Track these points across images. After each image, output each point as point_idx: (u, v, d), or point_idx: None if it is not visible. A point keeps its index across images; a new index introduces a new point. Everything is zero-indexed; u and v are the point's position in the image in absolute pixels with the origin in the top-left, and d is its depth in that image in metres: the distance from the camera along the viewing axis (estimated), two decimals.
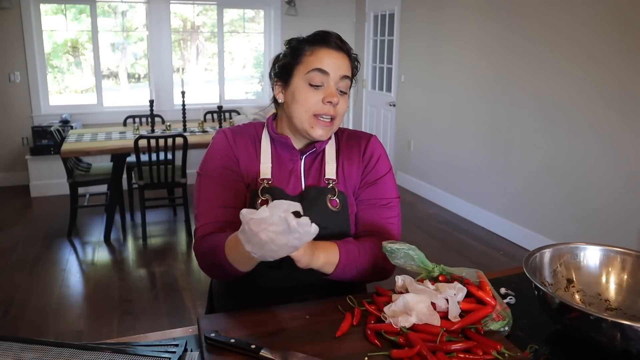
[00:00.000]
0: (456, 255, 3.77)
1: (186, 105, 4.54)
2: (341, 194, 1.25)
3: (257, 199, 1.20)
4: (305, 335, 0.98)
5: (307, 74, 1.18)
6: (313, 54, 1.19)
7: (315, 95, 1.18)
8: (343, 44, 1.23)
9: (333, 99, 1.17)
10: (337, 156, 1.30)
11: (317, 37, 1.21)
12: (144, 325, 2.78)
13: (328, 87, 1.19)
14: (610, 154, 3.19)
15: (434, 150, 5.02)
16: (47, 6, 5.44)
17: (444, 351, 0.90)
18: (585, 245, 1.17)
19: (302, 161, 1.27)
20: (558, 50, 3.51)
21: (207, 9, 6.24)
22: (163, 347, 0.93)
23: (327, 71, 1.18)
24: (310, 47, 1.20)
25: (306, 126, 1.20)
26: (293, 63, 1.21)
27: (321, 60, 1.18)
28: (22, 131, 5.31)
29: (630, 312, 1.09)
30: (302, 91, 1.19)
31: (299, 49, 1.21)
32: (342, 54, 1.21)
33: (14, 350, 0.88)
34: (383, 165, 1.30)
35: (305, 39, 1.23)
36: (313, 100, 1.18)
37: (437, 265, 1.10)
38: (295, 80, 1.20)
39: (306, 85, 1.19)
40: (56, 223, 4.33)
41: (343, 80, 1.20)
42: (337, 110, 1.20)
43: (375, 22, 5.96)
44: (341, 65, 1.20)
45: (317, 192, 1.23)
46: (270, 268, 1.19)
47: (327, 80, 1.18)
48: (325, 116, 1.19)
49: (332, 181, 1.25)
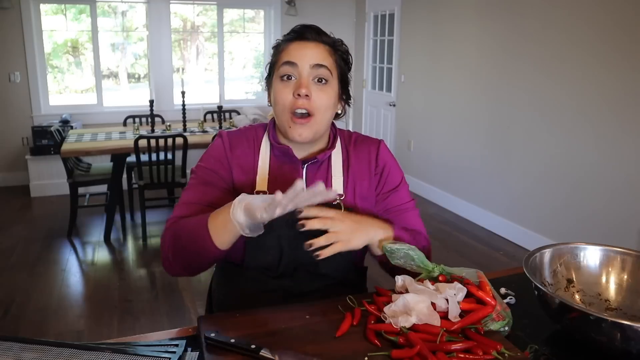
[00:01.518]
0: (456, 255, 3.77)
1: (186, 105, 4.54)
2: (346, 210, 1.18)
3: None
4: (305, 335, 0.98)
5: (278, 70, 1.15)
6: (285, 49, 1.16)
7: (286, 89, 1.13)
8: (318, 35, 1.16)
9: (301, 90, 1.11)
10: (344, 165, 1.24)
11: (292, 32, 1.18)
12: (144, 326, 2.78)
13: (298, 79, 1.13)
14: (611, 154, 3.19)
15: (434, 150, 5.02)
16: (47, 6, 5.44)
17: (444, 351, 0.90)
18: (585, 245, 1.17)
19: (304, 171, 1.20)
20: (558, 50, 3.51)
21: (207, 9, 6.24)
22: (163, 347, 0.93)
23: (294, 61, 1.12)
24: (284, 44, 1.17)
25: (286, 127, 1.14)
26: (272, 63, 1.19)
27: (290, 53, 1.14)
28: (22, 131, 5.31)
29: (630, 312, 1.09)
30: (276, 88, 1.15)
31: (277, 48, 1.18)
32: (315, 43, 1.15)
33: (14, 350, 0.87)
34: (396, 174, 1.27)
35: (285, 35, 1.20)
36: (284, 95, 1.13)
37: (437, 265, 1.09)
38: (274, 80, 1.17)
39: (279, 81, 1.15)
40: (56, 223, 4.33)
41: (317, 68, 1.13)
42: (312, 104, 1.12)
43: (375, 22, 5.96)
44: (313, 55, 1.13)
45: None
46: (270, 278, 1.19)
47: (297, 71, 1.13)
48: (299, 111, 1.12)
49: (340, 197, 1.19)
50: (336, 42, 1.19)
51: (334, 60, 1.17)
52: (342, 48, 1.20)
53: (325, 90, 1.15)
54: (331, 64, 1.16)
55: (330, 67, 1.15)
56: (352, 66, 1.23)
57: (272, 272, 1.18)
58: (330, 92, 1.16)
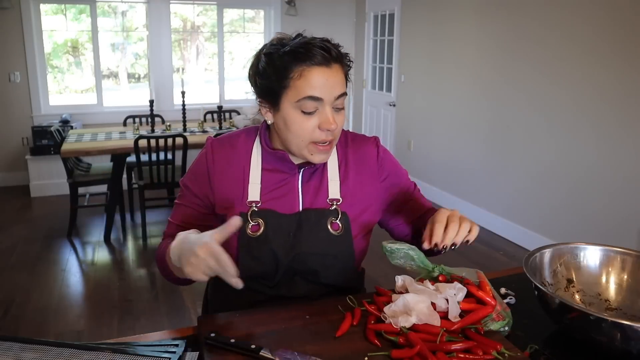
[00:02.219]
0: (456, 255, 3.77)
1: (186, 105, 4.54)
2: (344, 215, 1.16)
3: (248, 224, 1.13)
4: (305, 335, 0.98)
5: (298, 102, 1.05)
6: (302, 77, 1.03)
7: (310, 122, 1.06)
8: (330, 53, 1.05)
9: (331, 126, 1.06)
10: (340, 168, 1.21)
11: (301, 50, 1.04)
12: (144, 325, 2.78)
13: (323, 113, 1.06)
14: (610, 154, 3.19)
15: (434, 150, 5.02)
16: (47, 6, 5.44)
17: (444, 351, 0.90)
18: (585, 245, 1.17)
19: (299, 175, 1.18)
20: (558, 51, 3.51)
21: (207, 9, 6.24)
22: (163, 347, 0.93)
23: (321, 97, 1.04)
24: (296, 68, 1.04)
25: (305, 153, 1.10)
26: (280, 87, 1.06)
27: (311, 85, 1.03)
28: (22, 131, 5.30)
29: (630, 312, 1.09)
30: (294, 120, 1.07)
31: (284, 70, 1.05)
32: (333, 67, 1.05)
33: (14, 350, 0.88)
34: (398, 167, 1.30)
35: (286, 52, 1.05)
36: (308, 129, 1.07)
37: (437, 265, 1.10)
38: (284, 106, 1.07)
39: (298, 112, 1.06)
40: (56, 223, 4.33)
41: (339, 99, 1.08)
42: (335, 133, 1.10)
43: (375, 22, 5.96)
44: (335, 84, 1.05)
45: (318, 216, 1.15)
46: (267, 287, 1.18)
47: (321, 106, 1.06)
48: (323, 142, 1.09)
49: (336, 202, 1.17)
50: (342, 54, 1.09)
51: (344, 76, 1.10)
52: (347, 57, 1.11)
53: (342, 113, 1.11)
54: (345, 85, 1.09)
55: (345, 89, 1.09)
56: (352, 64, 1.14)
57: (268, 280, 1.17)
58: (344, 111, 1.12)
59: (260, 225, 1.14)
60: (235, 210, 1.15)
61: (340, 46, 1.10)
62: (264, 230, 1.14)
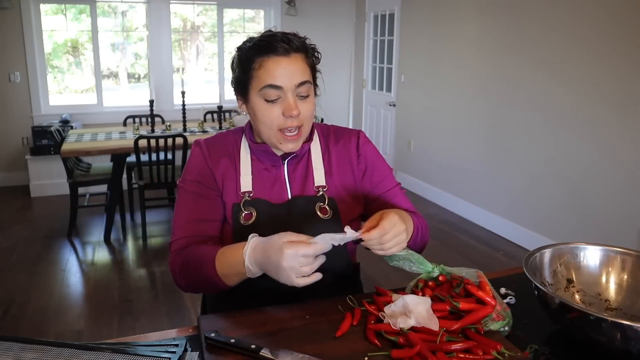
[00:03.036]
0: (456, 255, 3.77)
1: (186, 105, 4.54)
2: (331, 201, 1.21)
3: (241, 213, 1.18)
4: (305, 335, 0.98)
5: (261, 90, 1.11)
6: (262, 67, 1.10)
7: (274, 109, 1.12)
8: (290, 44, 1.11)
9: (292, 112, 1.10)
10: (324, 157, 1.26)
11: (262, 43, 1.11)
12: (144, 325, 2.78)
13: (285, 100, 1.11)
14: (610, 154, 3.19)
15: (434, 150, 5.02)
16: (47, 6, 5.44)
17: (444, 351, 0.90)
18: (585, 245, 1.17)
19: (284, 166, 1.23)
20: (558, 51, 3.51)
21: (207, 9, 6.24)
22: (163, 347, 0.93)
23: (280, 85, 1.10)
24: (257, 59, 1.11)
25: (274, 142, 1.16)
26: (246, 79, 1.14)
27: (271, 73, 1.09)
28: (22, 131, 5.30)
29: (630, 312, 1.09)
30: (260, 108, 1.13)
31: (248, 62, 1.12)
32: (293, 57, 1.11)
33: (14, 350, 0.87)
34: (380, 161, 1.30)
35: (251, 46, 1.13)
36: (273, 116, 1.12)
37: (437, 265, 1.10)
38: (251, 96, 1.14)
39: (262, 101, 1.12)
40: (56, 223, 4.33)
41: (301, 86, 1.12)
42: (302, 119, 1.13)
43: (375, 22, 5.96)
44: (295, 72, 1.10)
45: (306, 202, 1.20)
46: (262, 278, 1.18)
47: (283, 93, 1.11)
48: (290, 129, 1.13)
49: (322, 188, 1.22)
50: (304, 44, 1.15)
51: (308, 66, 1.14)
52: (311, 46, 1.17)
53: (308, 101, 1.15)
54: (309, 74, 1.14)
55: (309, 77, 1.14)
56: (321, 56, 1.19)
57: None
58: (311, 100, 1.16)
59: (252, 213, 1.18)
60: (229, 201, 1.21)
61: (306, 39, 1.16)
62: (256, 218, 1.18)
